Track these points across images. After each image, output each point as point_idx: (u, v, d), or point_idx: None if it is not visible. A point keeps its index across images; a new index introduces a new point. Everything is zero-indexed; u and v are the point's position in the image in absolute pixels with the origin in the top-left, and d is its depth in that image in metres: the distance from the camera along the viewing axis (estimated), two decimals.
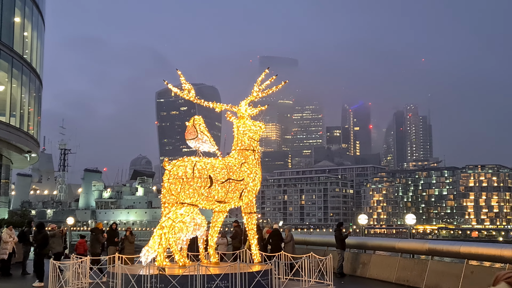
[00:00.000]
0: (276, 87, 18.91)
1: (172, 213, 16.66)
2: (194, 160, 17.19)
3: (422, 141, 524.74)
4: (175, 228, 17.91)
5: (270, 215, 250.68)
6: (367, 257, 21.99)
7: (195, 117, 18.50)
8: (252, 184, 18.30)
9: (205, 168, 17.02)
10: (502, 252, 14.58)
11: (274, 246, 22.47)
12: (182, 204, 16.70)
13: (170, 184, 16.80)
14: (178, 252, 17.77)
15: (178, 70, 18.72)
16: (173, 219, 16.67)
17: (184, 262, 17.48)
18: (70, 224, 54.48)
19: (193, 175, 16.71)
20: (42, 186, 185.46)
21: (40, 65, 44.81)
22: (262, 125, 19.47)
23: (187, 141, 18.52)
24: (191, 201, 16.76)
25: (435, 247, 17.83)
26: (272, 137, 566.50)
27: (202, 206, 17.59)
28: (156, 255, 16.76)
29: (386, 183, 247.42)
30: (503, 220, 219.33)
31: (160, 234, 16.64)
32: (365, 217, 37.63)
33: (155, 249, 16.86)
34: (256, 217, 19.02)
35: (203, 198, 16.95)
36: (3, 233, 24.10)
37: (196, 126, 18.26)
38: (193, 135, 18.24)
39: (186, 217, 18.45)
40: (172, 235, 16.83)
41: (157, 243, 16.83)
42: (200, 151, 18.53)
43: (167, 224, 16.56)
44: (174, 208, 16.68)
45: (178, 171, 16.81)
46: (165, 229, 16.52)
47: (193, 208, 17.11)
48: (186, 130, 18.47)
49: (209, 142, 18.45)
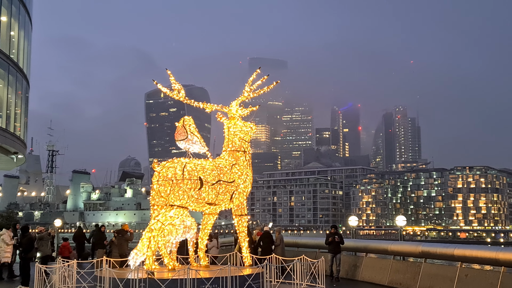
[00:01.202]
0: (268, 87, 18.60)
1: (161, 216, 16.30)
2: (184, 162, 16.83)
3: (410, 142, 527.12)
4: (165, 231, 17.56)
5: (260, 216, 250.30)
6: (359, 259, 21.72)
7: (185, 118, 18.14)
8: (243, 186, 17.97)
9: (195, 169, 16.67)
10: (498, 255, 14.35)
11: (265, 248, 22.13)
12: (171, 206, 16.35)
13: (159, 186, 16.44)
14: (167, 255, 17.41)
15: (168, 70, 18.38)
16: (162, 222, 16.31)
17: (173, 266, 17.13)
18: (58, 226, 53.78)
19: (182, 177, 16.37)
20: (30, 187, 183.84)
21: (27, 65, 44.13)
22: (253, 126, 19.15)
23: (177, 142, 18.16)
24: (181, 203, 16.40)
25: (428, 249, 17.59)
26: (261, 138, 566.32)
27: (192, 208, 17.24)
28: (145, 258, 16.40)
29: (375, 184, 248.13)
30: (490, 221, 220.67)
31: (149, 237, 16.27)
32: (355, 219, 37.24)
33: (144, 252, 16.50)
34: (247, 219, 18.69)
35: (193, 200, 16.60)
36: (5, 236, 23.22)
37: (186, 126, 17.91)
38: (183, 136, 17.89)
39: (176, 220, 18.11)
40: (161, 238, 16.47)
41: (146, 246, 16.45)
42: (190, 152, 18.19)
43: (156, 227, 16.20)
44: (164, 210, 16.32)
45: (168, 173, 16.46)
46: (154, 232, 16.15)
47: (183, 210, 16.76)
48: (176, 131, 18.11)
49: (199, 143, 18.10)
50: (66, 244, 23.22)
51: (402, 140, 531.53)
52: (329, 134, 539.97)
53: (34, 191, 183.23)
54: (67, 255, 22.18)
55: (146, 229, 16.69)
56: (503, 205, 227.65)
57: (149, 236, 16.26)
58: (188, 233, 19.14)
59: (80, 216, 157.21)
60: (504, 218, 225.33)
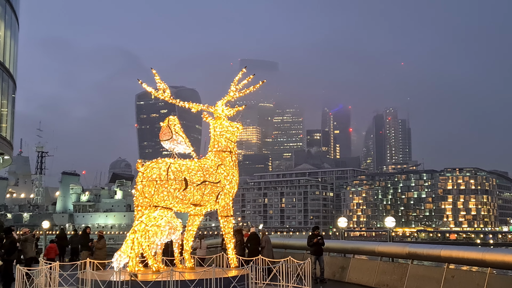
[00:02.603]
0: (254, 86, 18.41)
1: (145, 217, 16.06)
2: (169, 162, 16.62)
3: (401, 144, 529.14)
4: (149, 232, 17.32)
5: (250, 218, 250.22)
6: (346, 261, 21.56)
7: (170, 117, 17.93)
8: (229, 187, 17.78)
9: (180, 170, 16.46)
10: (484, 256, 14.21)
11: (252, 250, 21.93)
12: (155, 207, 16.13)
13: (144, 187, 16.22)
14: (151, 257, 17.16)
15: (153, 69, 18.17)
16: (146, 223, 16.08)
17: (157, 268, 16.87)
18: (46, 228, 53.26)
19: (167, 177, 16.15)
20: (19, 189, 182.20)
21: (13, 66, 43.71)
22: (239, 126, 18.96)
23: (161, 142, 17.95)
24: (165, 204, 16.19)
25: (415, 250, 17.47)
26: (252, 140, 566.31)
27: (177, 209, 17.03)
28: (128, 260, 16.15)
29: (366, 186, 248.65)
30: (480, 222, 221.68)
31: (133, 238, 16.04)
32: (345, 220, 37.20)
33: (128, 254, 16.26)
34: (233, 220, 18.48)
35: (178, 201, 16.39)
36: None
37: (170, 126, 17.69)
38: (168, 135, 17.67)
39: (161, 221, 17.87)
40: (145, 239, 16.23)
41: (129, 247, 16.22)
42: (175, 152, 17.98)
43: (139, 228, 15.97)
44: (147, 211, 16.09)
45: (152, 173, 16.24)
46: (137, 233, 15.92)
47: (168, 211, 16.52)
48: (161, 131, 17.91)
49: (185, 143, 17.89)
50: (53, 246, 22.89)
51: (392, 142, 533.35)
52: (320, 135, 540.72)
53: (23, 192, 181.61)
54: (52, 256, 21.84)
55: (130, 231, 16.47)
56: (493, 207, 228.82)
57: (133, 237, 16.04)
58: (174, 234, 18.93)
59: (69, 218, 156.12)
60: (494, 219, 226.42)
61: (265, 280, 17.25)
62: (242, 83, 18.04)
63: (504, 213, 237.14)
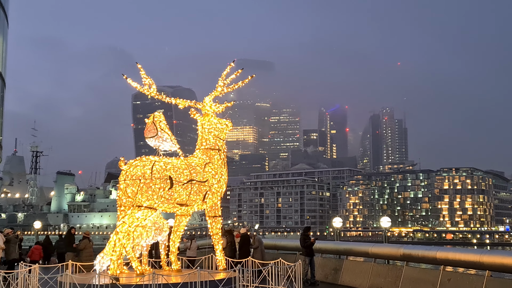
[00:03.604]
0: (243, 81, 17.82)
1: (127, 217, 15.37)
2: (153, 160, 15.96)
3: (397, 144, 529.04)
4: (134, 233, 16.65)
5: (247, 218, 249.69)
6: (339, 262, 20.87)
7: (155, 114, 17.31)
8: (217, 186, 17.17)
9: (165, 168, 15.82)
10: (482, 258, 13.53)
11: (243, 251, 21.25)
12: (138, 207, 15.43)
13: (127, 186, 15.56)
14: (135, 259, 16.50)
15: (138, 63, 17.57)
16: (129, 224, 15.38)
17: (142, 270, 16.23)
18: (37, 228, 52.52)
19: (151, 176, 15.48)
20: (14, 189, 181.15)
21: (2, 64, 42.93)
22: (229, 123, 18.36)
23: (146, 140, 17.31)
24: (149, 204, 15.52)
25: (410, 252, 16.78)
26: (249, 140, 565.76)
27: (162, 209, 16.38)
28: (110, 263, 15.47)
29: (362, 186, 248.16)
30: (476, 222, 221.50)
31: (115, 240, 15.34)
32: (340, 220, 36.42)
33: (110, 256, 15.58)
34: (221, 220, 17.83)
35: (163, 201, 15.75)
36: None
37: (156, 123, 17.07)
38: (153, 133, 17.04)
39: (147, 221, 17.21)
40: (127, 240, 15.53)
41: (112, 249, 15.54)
42: (161, 150, 17.33)
43: (122, 229, 15.28)
44: (130, 211, 15.39)
45: (135, 171, 15.57)
46: (119, 235, 15.22)
47: (152, 211, 15.82)
48: (146, 128, 17.27)
49: (170, 141, 17.25)
50: (38, 248, 22.14)
51: (389, 142, 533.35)
52: (317, 135, 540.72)
53: (18, 192, 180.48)
54: (37, 258, 21.10)
55: (114, 232, 15.80)
56: (489, 206, 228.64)
57: (115, 239, 15.36)
58: (160, 235, 18.27)
59: (64, 218, 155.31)
60: (490, 219, 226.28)
61: (254, 283, 16.58)
62: (230, 77, 17.44)
63: (500, 213, 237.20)
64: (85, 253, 21.61)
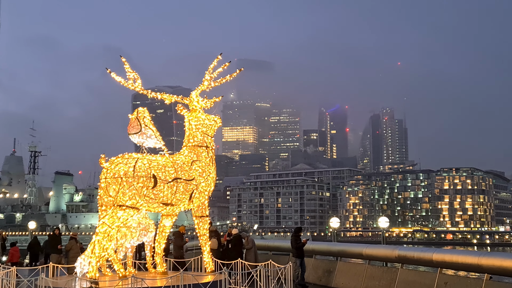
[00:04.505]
0: (231, 75, 17.12)
1: (108, 217, 14.61)
2: (136, 157, 15.21)
3: (398, 144, 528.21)
4: (118, 234, 15.93)
5: (246, 218, 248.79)
6: (332, 264, 20.09)
7: (138, 109, 16.54)
8: (204, 185, 16.47)
9: (148, 165, 15.06)
10: (480, 260, 12.74)
11: (235, 252, 20.50)
12: (120, 206, 14.67)
13: (108, 184, 14.78)
14: (117, 261, 15.76)
15: (122, 57, 16.88)
16: (110, 224, 14.60)
17: (124, 273, 15.48)
18: (32, 229, 51.71)
19: (133, 174, 14.73)
20: (12, 189, 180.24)
21: None
22: (217, 119, 17.64)
23: (129, 136, 16.55)
24: (131, 204, 14.76)
25: (405, 254, 16.01)
26: (249, 140, 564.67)
27: (146, 209, 15.66)
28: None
29: (362, 186, 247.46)
30: (477, 222, 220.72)
31: (94, 241, 14.58)
32: (337, 221, 35.70)
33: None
34: (208, 221, 17.09)
35: (146, 200, 15.01)
36: None
37: (139, 119, 16.30)
38: (136, 129, 16.28)
39: (131, 222, 16.47)
40: (107, 242, 14.75)
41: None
42: (145, 147, 16.58)
43: (101, 230, 14.50)
44: (111, 211, 14.63)
45: (117, 169, 14.81)
46: (98, 236, 14.45)
47: (134, 211, 15.06)
48: (129, 124, 16.51)
49: (155, 137, 16.50)
50: (16, 249, 21.37)
51: (389, 142, 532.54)
52: (317, 135, 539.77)
53: (17, 193, 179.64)
54: (16, 260, 20.35)
55: (94, 233, 15.06)
56: (489, 207, 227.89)
57: (94, 240, 14.60)
58: (146, 236, 17.54)
59: (62, 218, 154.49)
60: (490, 219, 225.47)
61: (243, 286, 15.86)
62: (217, 71, 16.72)
63: (500, 213, 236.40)
64: (71, 255, 20.89)
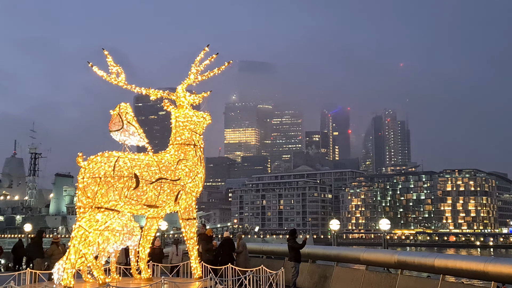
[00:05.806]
0: (218, 68, 16.10)
1: (85, 220, 13.61)
2: (117, 155, 14.21)
3: (400, 146, 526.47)
4: (100, 238, 14.95)
5: (248, 220, 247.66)
6: (329, 269, 19.02)
7: (120, 105, 15.56)
8: (191, 185, 15.47)
9: (130, 164, 14.07)
10: (486, 267, 11.65)
11: (225, 256, 19.54)
12: (98, 208, 13.68)
13: (86, 185, 13.78)
14: (97, 267, 14.75)
15: (104, 50, 15.93)
16: (86, 228, 13.60)
17: (104, 280, 14.47)
18: (28, 231, 50.77)
19: (113, 173, 13.74)
20: (13, 191, 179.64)
21: None
22: (207, 115, 16.61)
23: (110, 133, 15.55)
24: (111, 205, 13.76)
25: (405, 259, 14.92)
26: (251, 141, 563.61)
27: (128, 210, 14.65)
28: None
29: (365, 187, 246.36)
30: (480, 224, 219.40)
31: (70, 246, 13.60)
32: (337, 223, 34.53)
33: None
34: (196, 223, 16.08)
35: (127, 202, 14.00)
36: None
37: (121, 115, 15.31)
38: (118, 125, 15.29)
39: (115, 224, 15.50)
40: (86, 246, 13.75)
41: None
42: (127, 145, 15.60)
43: (77, 234, 13.50)
44: (88, 214, 13.64)
45: (96, 169, 13.82)
46: (74, 240, 13.45)
47: (115, 213, 14.07)
48: (110, 120, 15.51)
49: (138, 135, 15.52)
50: None
51: (391, 143, 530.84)
52: (319, 137, 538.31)
53: (17, 194, 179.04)
54: None
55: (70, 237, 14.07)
56: (492, 208, 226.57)
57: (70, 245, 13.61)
58: (130, 240, 16.55)
59: (62, 221, 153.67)
60: (494, 221, 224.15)
61: None
62: (204, 63, 15.73)
63: (503, 214, 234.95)
64: (53, 260, 19.87)
